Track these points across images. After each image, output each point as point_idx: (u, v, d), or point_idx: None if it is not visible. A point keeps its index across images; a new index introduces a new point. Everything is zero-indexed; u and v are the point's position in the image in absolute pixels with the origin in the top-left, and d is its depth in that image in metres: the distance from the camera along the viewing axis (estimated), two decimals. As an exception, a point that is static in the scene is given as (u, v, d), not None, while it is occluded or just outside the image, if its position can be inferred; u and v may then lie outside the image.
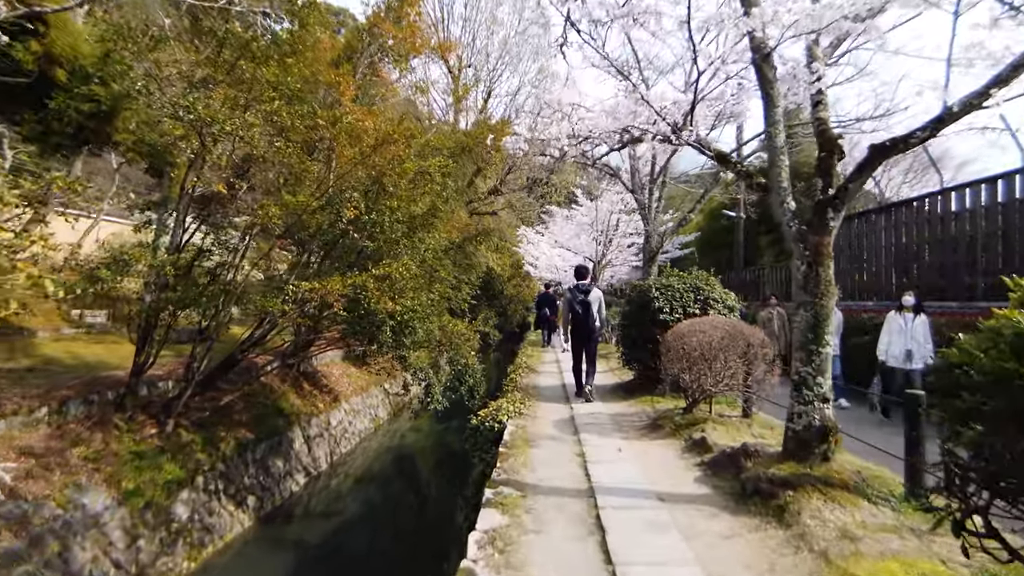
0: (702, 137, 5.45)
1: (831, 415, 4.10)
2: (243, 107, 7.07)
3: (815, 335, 4.08)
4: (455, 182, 9.24)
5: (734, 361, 5.97)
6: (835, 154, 4.34)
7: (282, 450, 11.26)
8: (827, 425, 4.03)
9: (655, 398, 7.89)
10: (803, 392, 4.10)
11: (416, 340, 8.64)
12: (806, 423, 4.07)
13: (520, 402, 7.67)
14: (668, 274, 8.50)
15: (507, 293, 27.97)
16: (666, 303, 7.94)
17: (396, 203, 8.37)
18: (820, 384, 4.07)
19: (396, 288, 8.54)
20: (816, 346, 4.07)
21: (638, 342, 8.32)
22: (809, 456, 4.06)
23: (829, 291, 4.10)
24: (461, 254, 10.13)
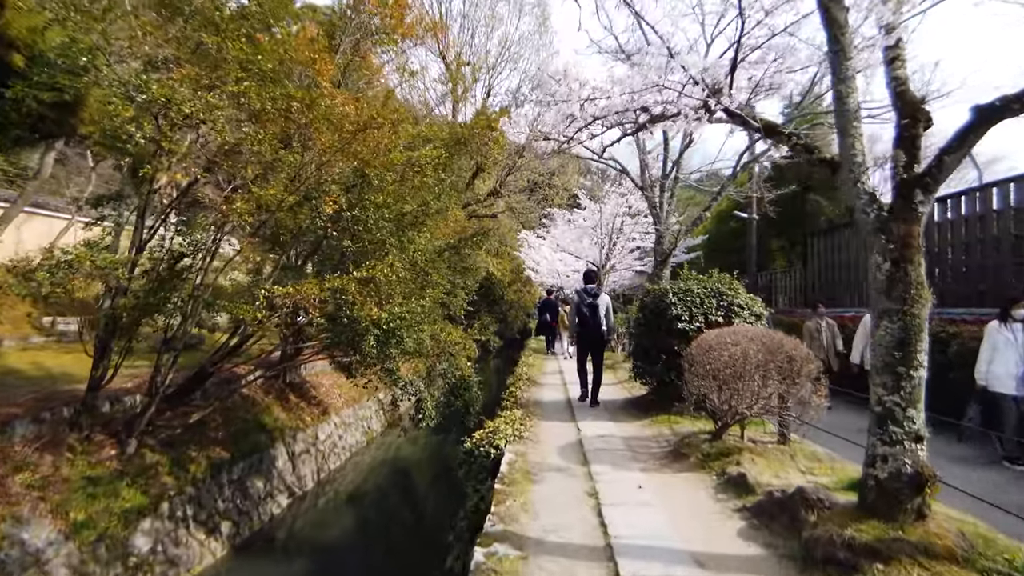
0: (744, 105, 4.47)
1: (926, 458, 3.08)
2: (206, 87, 6.10)
3: (904, 354, 3.07)
4: (450, 176, 8.26)
5: (773, 379, 4.95)
6: (920, 121, 3.34)
7: (263, 469, 10.20)
8: (922, 472, 3.01)
9: (673, 417, 6.87)
10: (888, 428, 3.08)
11: (404, 351, 7.64)
12: (894, 469, 3.05)
13: (520, 422, 6.65)
14: (686, 277, 7.50)
15: (507, 299, 26.99)
16: (685, 310, 6.93)
17: (382, 199, 7.39)
18: (912, 418, 3.06)
19: (382, 293, 7.56)
20: (906, 367, 3.06)
21: (652, 353, 7.31)
22: (897, 512, 3.04)
23: (921, 296, 3.09)
24: (456, 256, 9.14)
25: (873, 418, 3.18)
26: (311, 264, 8.98)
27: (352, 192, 7.36)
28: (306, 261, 8.69)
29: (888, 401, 3.10)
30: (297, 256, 9.45)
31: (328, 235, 7.84)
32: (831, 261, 13.18)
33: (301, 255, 9.28)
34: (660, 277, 9.74)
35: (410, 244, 7.83)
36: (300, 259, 9.26)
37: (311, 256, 8.72)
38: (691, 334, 6.86)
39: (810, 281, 13.76)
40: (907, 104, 3.37)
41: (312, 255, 8.74)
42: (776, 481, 4.33)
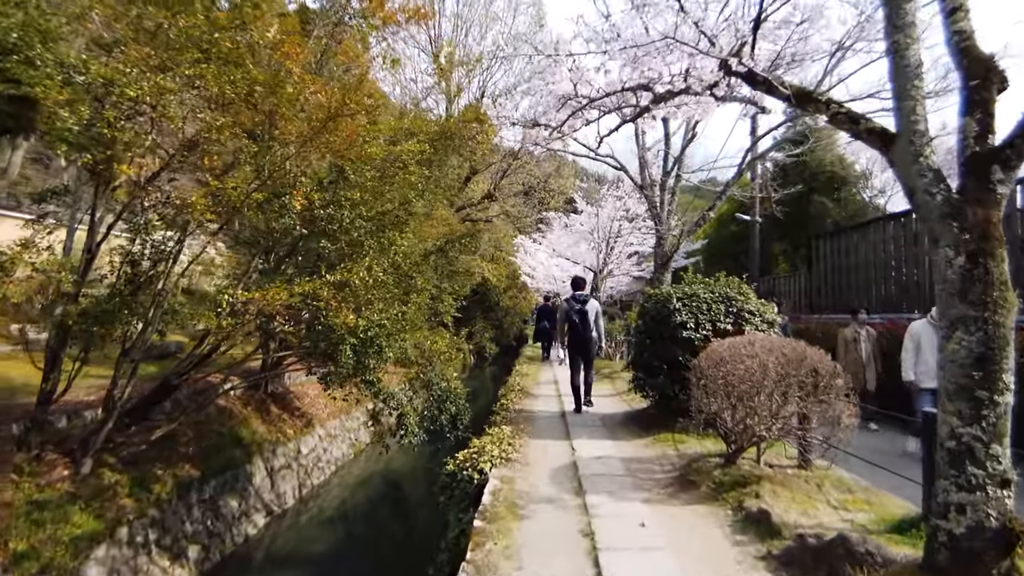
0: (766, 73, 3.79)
1: (1014, 508, 2.37)
2: (156, 69, 5.41)
3: (986, 373, 2.37)
4: (436, 173, 7.57)
5: (795, 396, 4.25)
6: (992, 83, 2.66)
7: (238, 487, 9.42)
8: (1012, 527, 2.30)
9: (677, 435, 6.16)
10: (966, 470, 2.38)
11: (385, 361, 6.93)
12: (973, 522, 2.34)
13: (509, 441, 5.93)
14: (690, 281, 6.80)
15: (503, 305, 26.29)
16: (690, 316, 6.23)
17: (359, 195, 6.71)
18: (996, 457, 2.36)
19: (360, 298, 6.87)
20: (989, 391, 2.36)
21: (653, 364, 6.60)
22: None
23: (1006, 299, 2.40)
24: (444, 259, 8.44)
25: (944, 456, 2.47)
26: (290, 267, 8.29)
27: (326, 189, 6.68)
28: (281, 264, 7.99)
29: (964, 434, 2.39)
30: (276, 259, 8.75)
31: (303, 236, 7.14)
32: (838, 264, 12.50)
33: (278, 258, 8.58)
34: (661, 281, 9.05)
35: (391, 246, 7.13)
36: (278, 262, 8.55)
37: (287, 259, 8.01)
38: (697, 343, 6.16)
39: (815, 285, 13.10)
40: (975, 62, 2.68)
41: (288, 257, 8.04)
42: (805, 520, 3.61)
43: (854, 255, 11.95)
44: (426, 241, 8.40)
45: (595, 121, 5.20)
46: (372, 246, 7.03)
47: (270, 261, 8.38)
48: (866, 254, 11.48)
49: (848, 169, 14.64)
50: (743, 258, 16.12)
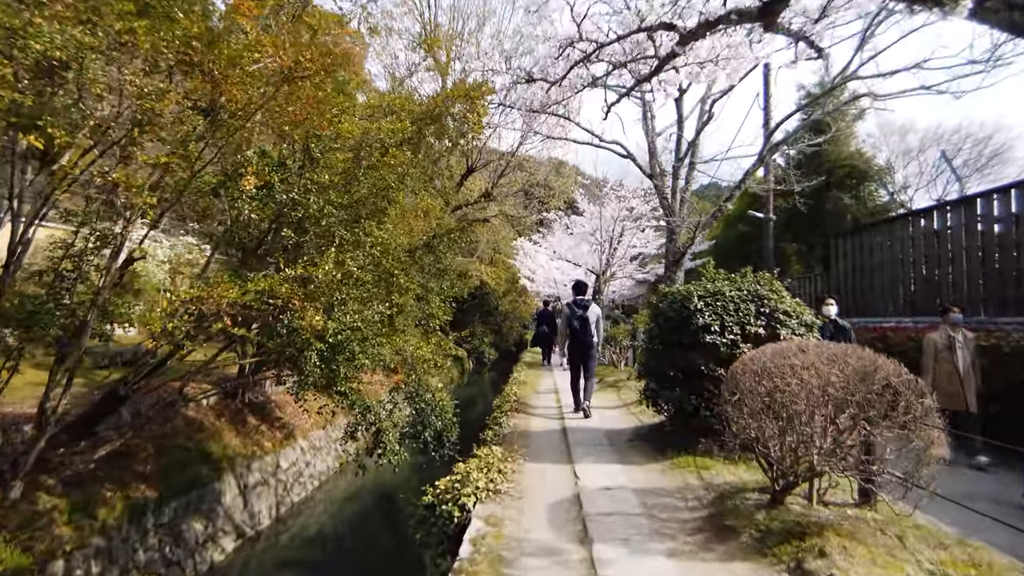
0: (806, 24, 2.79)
1: None
2: (75, 21, 4.44)
3: None
4: (422, 157, 6.58)
5: (864, 419, 3.21)
6: None
7: (204, 508, 8.36)
8: None
9: (700, 459, 5.11)
10: None
11: (358, 368, 5.93)
12: None
13: (499, 466, 4.90)
14: (712, 276, 5.78)
15: (502, 310, 25.29)
16: (714, 318, 5.20)
17: (328, 178, 5.72)
18: None
19: (330, 297, 5.87)
20: None
21: (669, 373, 5.56)
22: None
23: None
24: (431, 256, 7.42)
25: None
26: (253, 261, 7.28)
27: (289, 170, 5.70)
28: (249, 259, 6.99)
29: None
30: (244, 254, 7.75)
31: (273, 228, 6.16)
32: (860, 264, 11.46)
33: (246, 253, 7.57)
34: (673, 280, 8.02)
35: (366, 238, 6.12)
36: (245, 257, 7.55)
37: (254, 252, 7.01)
38: (723, 350, 5.12)
39: (833, 287, 12.06)
40: None
41: (256, 252, 7.03)
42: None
43: (878, 253, 10.91)
44: (411, 235, 7.41)
45: (602, 80, 4.17)
46: (345, 238, 6.03)
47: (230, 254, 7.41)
48: (892, 253, 10.45)
49: (868, 163, 13.62)
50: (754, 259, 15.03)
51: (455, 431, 6.88)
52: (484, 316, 24.79)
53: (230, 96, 4.71)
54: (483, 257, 22.83)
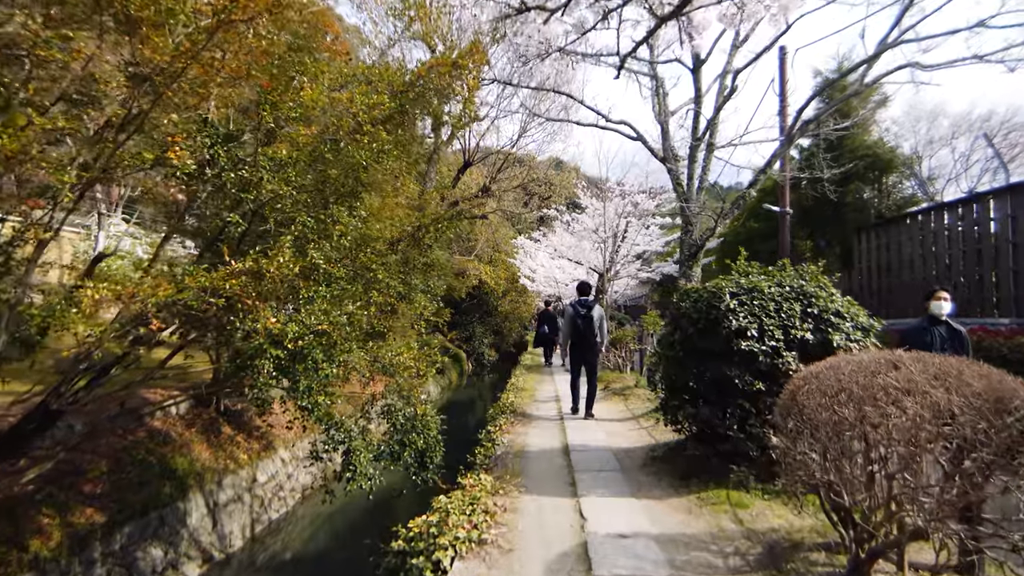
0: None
1: None
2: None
3: None
4: (403, 132, 5.58)
5: (999, 465, 2.20)
6: None
7: (164, 531, 7.33)
8: None
9: (734, 493, 4.10)
10: None
11: (323, 378, 4.93)
12: None
13: (486, 504, 3.89)
14: (745, 269, 4.77)
15: (502, 310, 24.22)
16: (751, 320, 4.18)
17: (285, 153, 4.72)
18: None
19: (292, 295, 4.89)
20: None
21: (694, 386, 4.54)
22: None
23: None
24: (415, 249, 6.41)
25: None
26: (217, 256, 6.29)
27: (239, 144, 4.71)
28: (206, 252, 6.00)
29: None
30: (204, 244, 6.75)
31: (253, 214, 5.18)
32: (886, 262, 10.42)
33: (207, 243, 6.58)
34: (689, 277, 7.00)
35: (335, 225, 5.11)
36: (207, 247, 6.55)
37: (212, 244, 6.02)
38: (762, 359, 4.11)
39: (856, 287, 11.03)
40: None
41: (214, 244, 6.04)
42: None
43: (907, 249, 9.88)
44: (393, 225, 6.42)
45: (616, 10, 3.16)
46: (308, 225, 5.02)
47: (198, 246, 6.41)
48: (924, 248, 9.42)
49: (892, 153, 12.58)
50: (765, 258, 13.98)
51: (440, 451, 5.87)
52: (483, 317, 23.75)
53: (152, 45, 3.71)
54: (482, 256, 21.81)
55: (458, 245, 20.79)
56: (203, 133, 4.49)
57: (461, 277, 18.75)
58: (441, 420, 6.04)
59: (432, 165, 15.05)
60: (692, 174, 6.99)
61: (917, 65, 6.22)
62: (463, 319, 22.68)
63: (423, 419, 5.72)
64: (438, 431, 5.90)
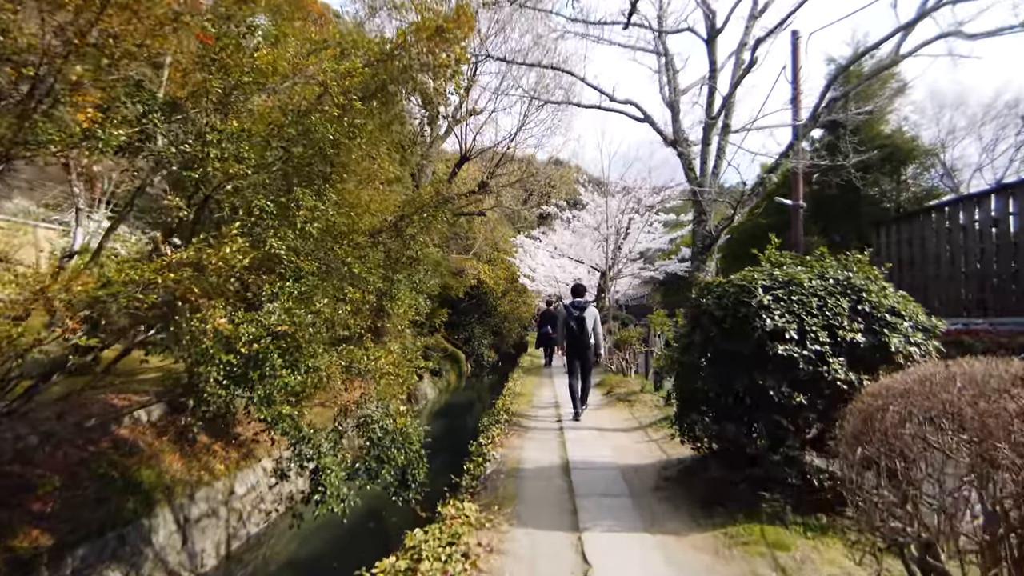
0: None
1: None
2: None
3: None
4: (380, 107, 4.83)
5: None
6: None
7: (125, 551, 6.54)
8: None
9: (769, 528, 3.33)
10: None
11: (279, 388, 4.20)
12: None
13: (466, 546, 3.13)
14: (776, 259, 4.01)
15: (501, 310, 23.44)
16: (790, 320, 3.42)
17: (236, 125, 3.99)
18: None
19: (249, 290, 4.16)
20: None
21: (717, 397, 3.79)
22: None
23: None
24: (398, 241, 5.66)
25: None
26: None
27: (184, 115, 3.98)
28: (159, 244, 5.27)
29: None
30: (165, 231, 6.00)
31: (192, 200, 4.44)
32: (908, 257, 9.66)
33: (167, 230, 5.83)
34: (702, 271, 6.24)
35: (298, 211, 4.37)
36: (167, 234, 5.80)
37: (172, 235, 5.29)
38: (803, 366, 3.35)
39: (874, 284, 10.23)
40: None
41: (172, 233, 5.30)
42: None
43: (934, 241, 9.11)
44: (372, 213, 5.68)
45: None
46: (266, 210, 4.28)
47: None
48: (952, 242, 8.65)
49: (911, 143, 11.82)
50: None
51: (423, 467, 5.12)
52: (482, 317, 22.97)
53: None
54: (480, 255, 21.05)
55: (456, 243, 20.04)
56: (135, 99, 3.76)
57: (459, 276, 18.00)
58: (425, 432, 5.30)
59: (427, 160, 14.33)
60: (706, 158, 6.24)
61: (959, 34, 5.46)
62: (462, 319, 21.94)
63: (404, 431, 4.97)
64: (421, 445, 5.16)
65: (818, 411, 3.40)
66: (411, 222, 5.82)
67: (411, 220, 5.80)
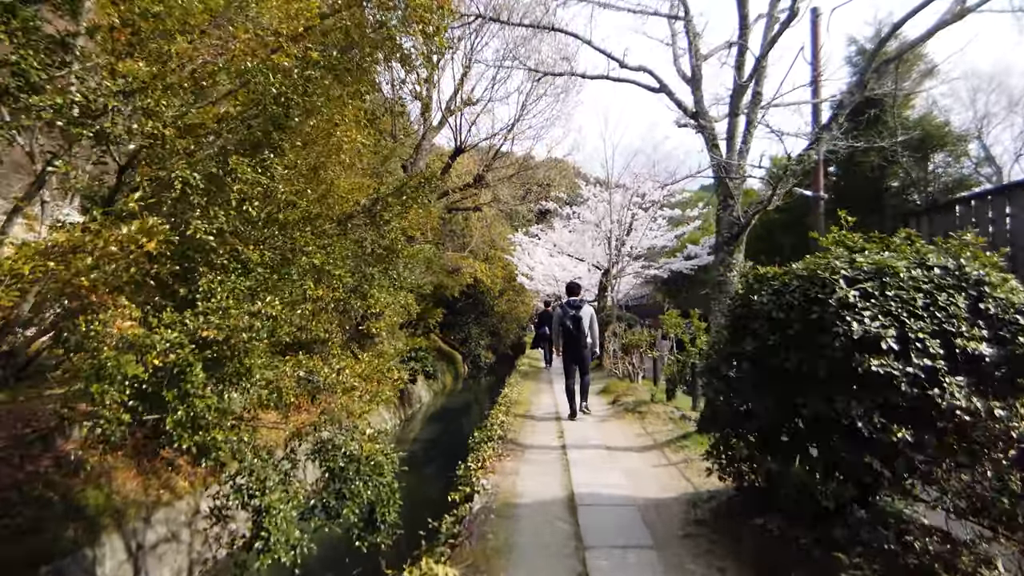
0: None
1: None
2: None
3: None
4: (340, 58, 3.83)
5: None
6: None
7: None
8: None
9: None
10: None
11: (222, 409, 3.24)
12: None
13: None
14: (851, 241, 3.02)
15: (498, 310, 22.48)
16: (886, 323, 2.43)
17: (151, 71, 3.01)
18: None
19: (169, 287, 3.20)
20: None
21: (779, 427, 2.80)
22: None
23: None
24: (372, 229, 4.66)
25: None
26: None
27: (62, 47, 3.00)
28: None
29: None
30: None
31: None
32: (942, 252, 8.65)
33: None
34: (729, 264, 5.24)
35: (236, 179, 3.39)
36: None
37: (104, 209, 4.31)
38: (905, 388, 2.36)
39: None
40: None
41: (107, 206, 4.32)
42: None
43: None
44: (339, 193, 4.70)
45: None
46: (192, 183, 3.29)
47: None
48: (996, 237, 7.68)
49: (941, 128, 10.85)
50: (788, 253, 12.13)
51: (395, 504, 4.12)
52: (479, 317, 22.01)
53: None
54: (477, 252, 20.05)
55: (452, 241, 19.05)
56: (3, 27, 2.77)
57: (454, 275, 17.01)
58: (401, 458, 4.30)
59: (420, 153, 13.35)
60: (733, 132, 5.24)
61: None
62: (458, 319, 20.99)
63: (373, 460, 3.98)
64: (394, 476, 4.16)
65: (925, 451, 2.42)
66: (387, 205, 4.85)
67: (387, 203, 4.83)
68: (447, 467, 6.11)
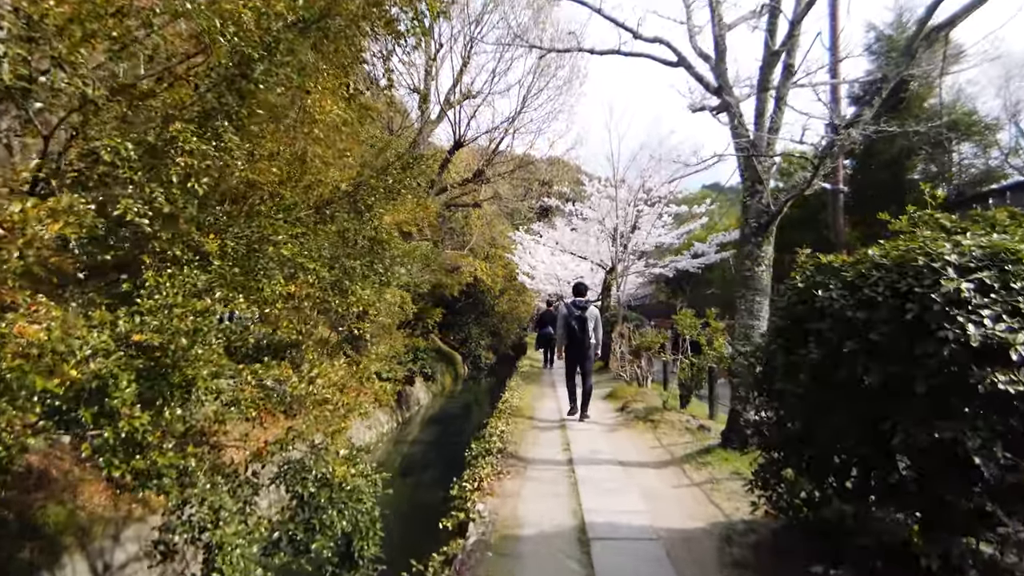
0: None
1: None
2: None
3: None
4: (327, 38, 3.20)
5: None
6: None
7: (9, 619, 4.83)
8: None
9: None
10: None
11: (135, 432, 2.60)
12: None
13: None
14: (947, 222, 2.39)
15: (499, 310, 21.84)
16: (1016, 324, 1.79)
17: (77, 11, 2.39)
18: None
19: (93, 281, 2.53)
20: None
21: (855, 459, 2.17)
22: None
23: None
24: (354, 218, 4.03)
25: None
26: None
27: None
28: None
29: None
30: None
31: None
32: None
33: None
34: (757, 258, 4.61)
35: (179, 157, 2.77)
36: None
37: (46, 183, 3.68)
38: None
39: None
40: None
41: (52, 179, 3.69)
42: None
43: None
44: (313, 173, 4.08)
45: None
46: (123, 152, 2.67)
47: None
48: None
49: (967, 118, 10.20)
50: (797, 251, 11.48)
51: (376, 535, 3.48)
52: (479, 317, 21.39)
53: None
54: (477, 251, 19.43)
55: (451, 239, 18.42)
56: None
57: (454, 273, 16.37)
58: (384, 480, 3.66)
59: (418, 147, 12.74)
60: (763, 109, 4.60)
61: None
62: (457, 319, 20.38)
63: (349, 485, 3.35)
64: (374, 503, 3.53)
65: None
66: (372, 191, 4.22)
67: (370, 187, 4.20)
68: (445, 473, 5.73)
